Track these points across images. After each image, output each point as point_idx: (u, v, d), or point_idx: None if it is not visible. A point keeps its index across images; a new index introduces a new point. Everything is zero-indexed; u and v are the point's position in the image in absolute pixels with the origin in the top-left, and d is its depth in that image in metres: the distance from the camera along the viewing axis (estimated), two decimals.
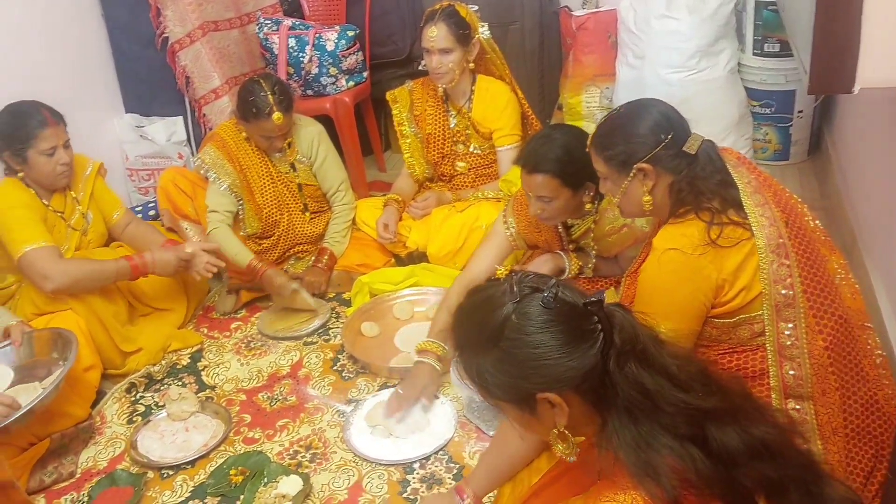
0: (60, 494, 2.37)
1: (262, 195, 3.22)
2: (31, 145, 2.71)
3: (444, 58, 3.06)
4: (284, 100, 3.01)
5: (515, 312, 1.25)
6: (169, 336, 2.99)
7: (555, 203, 2.37)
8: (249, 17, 4.03)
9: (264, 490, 2.26)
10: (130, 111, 3.93)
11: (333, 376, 2.76)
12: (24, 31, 3.37)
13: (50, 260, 2.65)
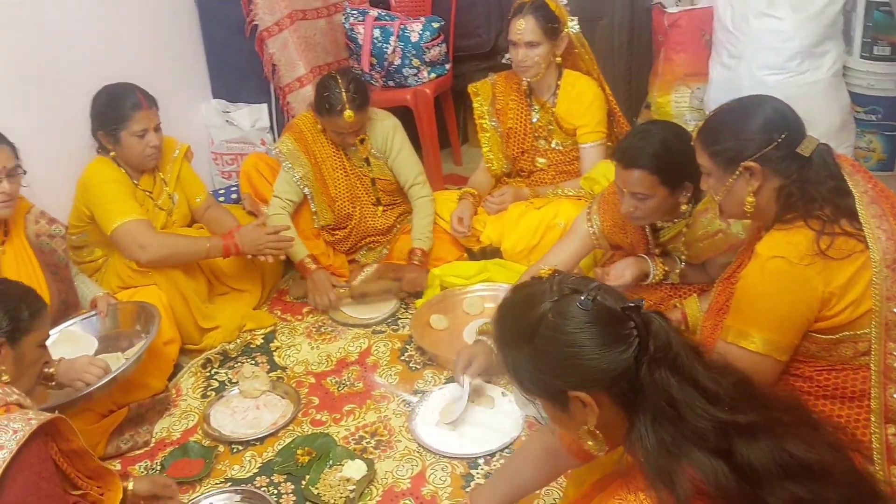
0: (135, 462, 2.51)
1: (336, 188, 3.32)
2: (124, 126, 2.87)
3: (530, 51, 3.08)
4: (358, 98, 3.07)
5: (552, 311, 1.30)
6: (245, 316, 3.13)
7: (649, 202, 2.32)
8: (336, 7, 4.14)
9: (329, 472, 2.35)
10: (218, 97, 4.09)
11: (401, 366, 2.84)
12: (119, 15, 3.54)
13: (146, 231, 2.82)
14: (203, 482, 2.38)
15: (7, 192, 2.48)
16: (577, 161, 3.28)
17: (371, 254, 3.46)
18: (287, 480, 2.35)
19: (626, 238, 2.60)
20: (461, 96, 4.20)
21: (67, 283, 2.78)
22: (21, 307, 1.88)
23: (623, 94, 4.13)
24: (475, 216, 3.30)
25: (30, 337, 1.90)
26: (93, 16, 3.39)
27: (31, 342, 1.91)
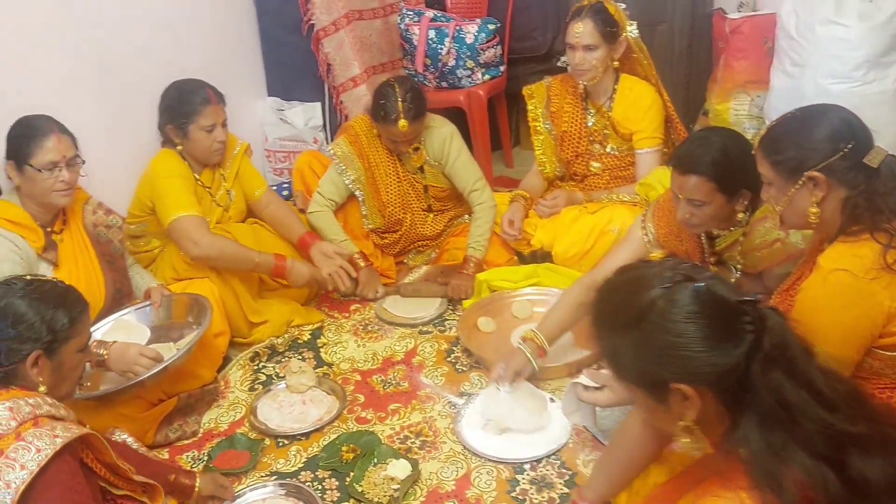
0: (183, 451, 2.55)
1: (387, 193, 3.34)
2: (193, 121, 2.93)
3: (587, 54, 3.06)
4: (414, 108, 3.09)
5: (663, 297, 1.26)
6: (293, 311, 3.17)
7: (705, 208, 2.28)
8: (393, 8, 4.18)
9: (374, 470, 2.35)
10: (273, 94, 4.15)
11: (447, 367, 2.84)
12: (179, 13, 3.61)
13: (201, 228, 2.88)
14: (248, 474, 2.41)
15: (66, 181, 2.53)
16: (632, 166, 3.26)
17: (420, 256, 3.49)
18: (331, 476, 2.37)
19: (681, 245, 2.56)
20: (514, 98, 4.20)
21: (122, 272, 2.84)
22: (59, 315, 1.81)
23: (681, 101, 4.08)
24: (526, 219, 3.29)
25: (69, 345, 1.84)
26: (153, 13, 3.47)
27: (70, 350, 1.85)
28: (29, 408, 1.68)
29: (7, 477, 1.55)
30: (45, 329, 1.78)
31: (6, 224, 2.48)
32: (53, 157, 2.49)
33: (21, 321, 1.76)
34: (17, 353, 1.75)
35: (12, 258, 2.43)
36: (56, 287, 1.88)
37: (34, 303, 1.79)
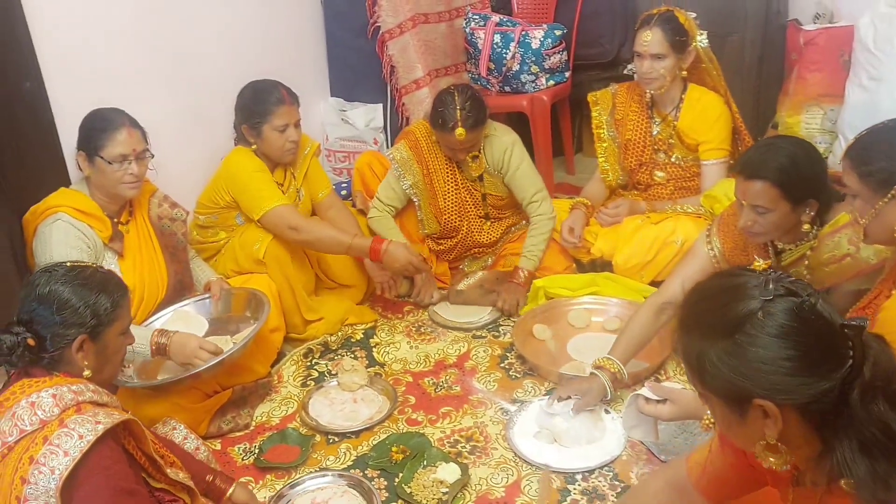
0: (235, 443, 2.58)
1: (445, 200, 3.32)
2: (267, 121, 2.97)
3: (655, 63, 3.03)
4: (472, 117, 3.06)
5: (762, 310, 1.21)
6: (347, 310, 3.20)
7: (769, 216, 2.23)
8: (458, 12, 4.18)
9: (423, 472, 2.35)
10: (335, 95, 4.19)
11: (500, 373, 2.82)
12: (248, 12, 3.67)
13: (296, 215, 2.99)
14: (299, 469, 2.43)
15: (135, 173, 2.59)
16: (697, 177, 3.20)
17: (476, 263, 3.47)
18: (381, 476, 2.38)
19: (747, 260, 2.49)
20: (578, 105, 4.18)
21: (184, 264, 2.89)
22: (101, 300, 1.82)
23: (750, 113, 4.00)
24: (587, 227, 3.27)
25: (112, 328, 1.86)
26: (226, 12, 3.53)
27: (113, 333, 1.87)
28: (72, 394, 1.71)
29: (52, 463, 1.58)
30: (88, 314, 1.79)
31: (75, 213, 2.54)
32: (124, 151, 2.55)
33: (65, 307, 1.77)
34: (62, 339, 1.77)
35: (80, 246, 2.49)
36: (97, 272, 1.90)
37: (77, 288, 1.80)
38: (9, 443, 1.64)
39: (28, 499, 1.57)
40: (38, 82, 2.74)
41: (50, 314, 1.76)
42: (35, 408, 1.66)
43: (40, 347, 1.75)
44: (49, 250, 2.48)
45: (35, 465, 1.59)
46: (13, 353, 1.72)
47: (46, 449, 1.60)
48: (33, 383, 1.71)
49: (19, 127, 2.68)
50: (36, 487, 1.57)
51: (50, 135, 2.79)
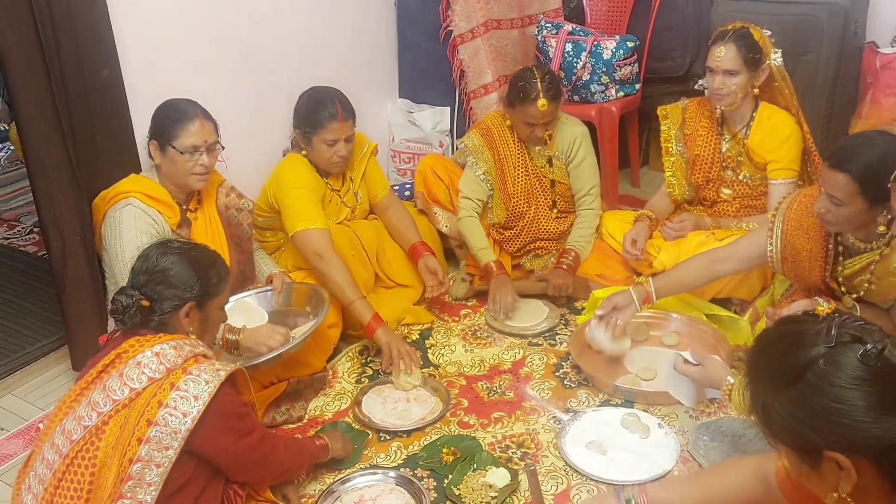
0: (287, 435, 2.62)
1: (514, 185, 3.37)
2: (318, 133, 3.00)
3: (728, 79, 3.00)
4: (552, 88, 3.14)
5: (825, 357, 1.18)
6: (404, 310, 3.22)
7: (843, 209, 2.22)
8: (531, 19, 4.20)
9: (472, 475, 2.37)
10: (403, 96, 4.23)
11: (554, 381, 2.83)
12: (324, 12, 3.72)
13: (326, 243, 2.93)
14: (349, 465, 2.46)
15: (206, 164, 2.65)
16: (764, 196, 3.16)
17: (537, 261, 3.47)
18: (430, 476, 2.40)
19: (807, 243, 2.49)
20: (646, 117, 4.15)
21: (248, 255, 2.96)
22: (211, 273, 2.03)
23: (821, 134, 3.94)
24: (650, 240, 3.25)
25: (216, 301, 2.06)
26: (299, 8, 3.59)
27: (215, 305, 2.07)
28: (189, 347, 1.93)
29: (184, 407, 1.80)
30: (198, 284, 1.98)
31: (145, 199, 2.62)
32: (195, 142, 2.61)
33: (179, 275, 1.96)
34: (172, 303, 1.95)
35: (149, 231, 2.56)
36: (207, 250, 2.11)
37: (191, 260, 2.00)
38: (137, 388, 1.83)
39: (151, 440, 1.78)
40: (115, 70, 2.83)
41: (164, 280, 1.95)
42: (160, 357, 1.86)
43: (151, 310, 1.94)
44: (119, 234, 2.57)
45: (164, 409, 1.79)
46: (126, 312, 1.90)
47: (175, 394, 1.81)
48: (148, 339, 1.90)
49: (94, 113, 2.78)
50: (164, 429, 1.78)
51: (124, 122, 2.89)
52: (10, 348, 3.25)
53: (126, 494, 1.77)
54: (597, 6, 4.38)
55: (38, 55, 2.58)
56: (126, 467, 1.77)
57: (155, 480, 1.78)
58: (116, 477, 1.77)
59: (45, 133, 2.67)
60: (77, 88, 2.70)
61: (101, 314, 2.84)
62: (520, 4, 4.14)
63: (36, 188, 2.77)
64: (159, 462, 1.78)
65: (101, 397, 1.84)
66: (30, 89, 2.62)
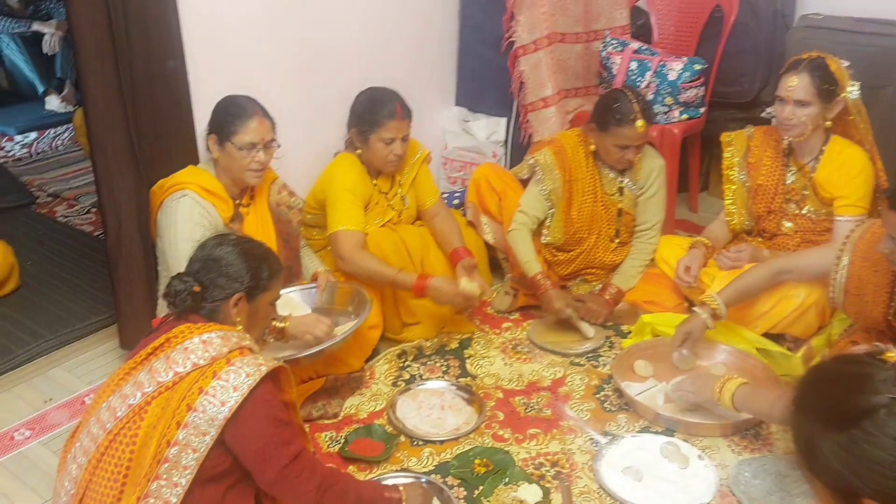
0: (322, 430, 2.66)
1: (579, 211, 3.31)
2: (375, 131, 3.03)
3: (798, 110, 2.93)
4: (647, 110, 3.11)
5: (887, 407, 1.16)
6: (446, 317, 3.21)
7: None
8: (597, 35, 4.17)
9: (504, 489, 2.35)
10: (460, 104, 4.24)
11: (594, 403, 2.79)
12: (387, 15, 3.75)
13: (352, 246, 2.98)
14: (381, 465, 2.47)
15: (262, 161, 2.69)
16: (827, 232, 3.08)
17: (585, 286, 3.45)
18: (460, 486, 2.39)
19: (873, 276, 2.43)
20: (709, 142, 4.10)
21: (295, 252, 3.00)
22: (262, 267, 2.07)
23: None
24: (704, 268, 3.19)
25: (265, 295, 2.10)
26: (362, 12, 3.62)
27: (265, 300, 2.11)
28: (236, 338, 1.95)
29: (222, 396, 1.83)
30: (249, 276, 2.04)
31: (201, 192, 2.66)
32: (253, 139, 2.65)
33: (232, 265, 2.03)
34: (223, 292, 2.01)
35: (203, 223, 2.60)
36: (262, 246, 2.17)
37: (244, 253, 2.06)
38: (181, 373, 1.87)
39: (189, 425, 1.81)
40: (180, 62, 2.90)
41: (217, 269, 2.02)
42: (207, 345, 1.90)
43: (202, 296, 2.00)
44: (173, 224, 2.61)
45: (204, 396, 1.83)
46: (179, 296, 1.97)
47: (216, 383, 1.84)
48: (198, 327, 1.95)
49: (158, 102, 2.86)
50: (202, 415, 1.82)
51: (185, 113, 2.96)
52: (62, 323, 3.37)
53: (162, 476, 1.80)
54: (665, 26, 4.36)
55: (108, 42, 2.67)
56: (163, 449, 1.81)
57: (191, 464, 1.81)
58: (153, 457, 1.81)
59: (110, 118, 2.75)
60: (143, 77, 2.78)
61: (151, 297, 2.89)
62: (586, 19, 4.12)
63: (98, 170, 2.86)
64: (196, 447, 1.82)
65: (146, 378, 1.89)
66: (98, 75, 2.70)
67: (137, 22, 2.71)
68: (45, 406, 2.92)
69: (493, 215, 3.46)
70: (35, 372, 3.13)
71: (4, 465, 2.64)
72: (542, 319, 3.31)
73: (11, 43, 6.41)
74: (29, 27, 6.37)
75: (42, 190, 5.01)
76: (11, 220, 4.48)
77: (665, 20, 4.36)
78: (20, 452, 2.70)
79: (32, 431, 2.80)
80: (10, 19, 6.41)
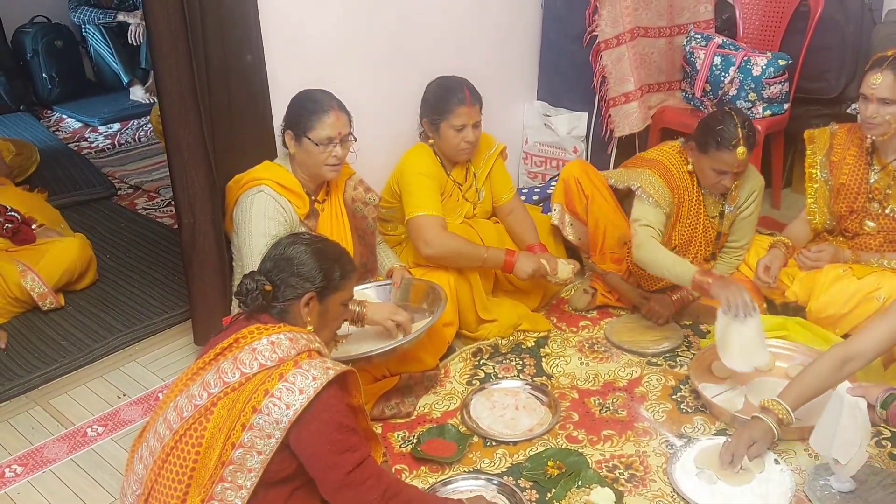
0: (394, 429, 2.67)
1: (681, 234, 3.18)
2: (445, 118, 3.03)
3: (882, 108, 2.84)
4: (752, 136, 2.94)
5: None
6: (522, 315, 3.20)
7: None
8: (680, 29, 4.09)
9: (576, 492, 2.35)
10: (541, 99, 4.20)
11: (670, 405, 2.75)
12: (471, 9, 3.72)
13: (436, 229, 2.97)
14: (453, 466, 2.48)
15: (339, 156, 2.69)
16: None
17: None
18: (532, 488, 2.39)
19: None
20: (793, 139, 3.98)
21: (370, 248, 3.01)
22: (335, 267, 2.05)
23: None
24: (784, 268, 3.10)
25: (337, 295, 2.08)
26: (448, 5, 3.60)
27: (337, 300, 2.09)
28: (305, 341, 1.95)
29: (287, 398, 1.82)
30: (321, 275, 2.02)
31: (277, 187, 2.67)
32: (330, 134, 2.64)
33: (304, 265, 2.01)
34: (294, 291, 2.00)
35: (278, 219, 2.62)
36: (336, 246, 2.15)
37: (317, 253, 2.04)
38: (248, 374, 1.87)
39: (254, 427, 1.81)
40: (258, 56, 2.86)
41: (289, 267, 2.00)
42: (275, 347, 1.89)
43: (274, 296, 1.99)
44: (249, 219, 2.62)
45: (270, 398, 1.81)
46: (250, 294, 1.96)
47: (282, 385, 1.83)
48: (268, 328, 1.94)
49: (234, 96, 2.84)
50: (267, 418, 1.81)
51: (263, 108, 2.92)
52: (138, 317, 3.38)
53: (227, 478, 1.81)
54: (750, 20, 4.23)
55: (182, 34, 2.62)
56: (228, 451, 1.81)
57: (256, 467, 1.81)
58: (218, 459, 1.81)
59: (184, 112, 2.72)
60: (219, 70, 2.75)
61: (225, 294, 2.91)
62: (670, 13, 4.05)
63: (172, 164, 2.83)
64: (261, 449, 1.81)
65: (213, 378, 1.89)
66: (172, 67, 2.67)
67: (213, 13, 2.67)
68: (118, 402, 2.93)
69: (580, 216, 3.33)
70: (110, 367, 3.13)
71: (76, 462, 2.65)
72: (620, 318, 3.28)
73: (97, 33, 6.35)
74: (114, 17, 6.33)
75: (124, 182, 4.95)
76: (92, 213, 4.45)
77: (750, 14, 4.23)
78: (92, 449, 2.70)
79: (105, 428, 2.80)
80: (95, 9, 6.34)
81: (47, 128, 5.91)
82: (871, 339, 2.34)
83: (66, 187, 4.70)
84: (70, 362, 3.11)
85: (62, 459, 2.66)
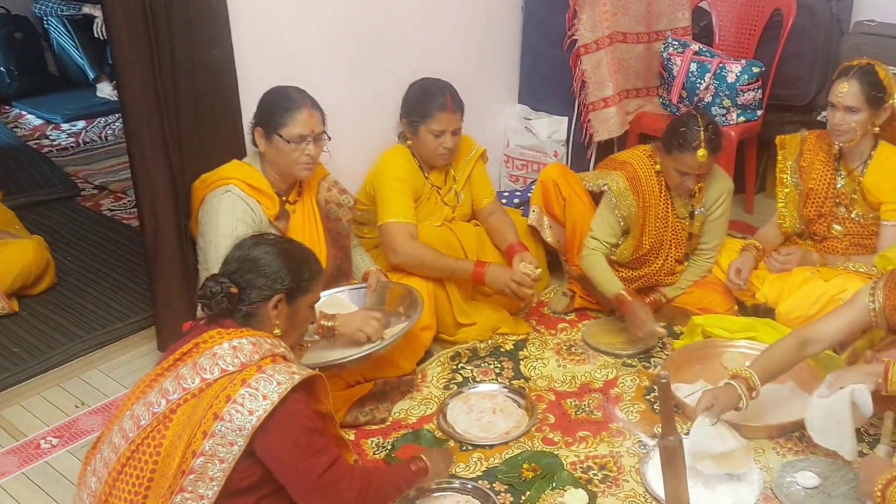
0: (369, 436, 2.65)
1: (649, 236, 3.19)
2: (425, 122, 3.02)
3: (848, 116, 2.92)
4: (714, 140, 2.95)
5: None
6: (501, 319, 3.19)
7: None
8: (658, 35, 4.12)
9: (551, 494, 2.37)
10: (522, 102, 4.21)
11: (644, 405, 2.79)
12: (446, 9, 3.67)
13: (403, 237, 2.95)
14: None
15: (311, 154, 2.60)
16: (875, 236, 3.07)
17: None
18: (507, 491, 2.40)
19: None
20: (765, 145, 4.01)
21: (345, 251, 2.96)
22: (303, 268, 1.99)
23: None
24: (755, 271, 3.16)
25: (306, 297, 2.01)
26: (422, 5, 3.54)
27: (305, 303, 2.02)
28: (269, 346, 1.87)
29: (251, 405, 1.74)
30: (289, 277, 1.95)
31: (245, 187, 2.57)
32: (303, 131, 2.56)
33: (270, 265, 1.93)
34: (261, 293, 1.92)
35: (246, 220, 2.52)
36: (302, 247, 2.08)
37: (283, 253, 1.97)
38: (208, 379, 1.79)
39: (215, 434, 1.73)
40: (227, 51, 2.75)
41: (255, 269, 1.92)
42: (237, 351, 1.82)
43: (239, 298, 1.91)
44: (216, 220, 2.52)
45: (232, 404, 1.74)
46: (214, 298, 1.87)
47: (245, 391, 1.75)
48: (230, 332, 1.87)
49: (201, 93, 2.72)
50: (229, 425, 1.73)
51: (231, 105, 2.81)
52: (100, 322, 3.24)
53: (187, 488, 1.73)
54: (726, 28, 4.27)
55: (142, 24, 2.51)
56: (189, 460, 1.73)
57: (218, 476, 1.74)
58: (178, 469, 1.73)
59: (145, 109, 2.61)
60: (186, 67, 2.64)
61: (190, 298, 2.80)
62: (648, 19, 4.07)
63: (134, 164, 2.72)
64: (223, 457, 1.73)
65: (172, 385, 1.81)
66: (131, 61, 2.56)
67: (179, 7, 2.55)
68: (76, 411, 2.79)
69: (557, 218, 3.37)
70: (67, 375, 2.97)
71: (28, 476, 2.52)
72: (597, 321, 3.31)
73: (60, 26, 5.97)
74: (80, 9, 5.95)
75: (88, 182, 4.70)
76: (52, 213, 4.24)
77: (725, 22, 4.28)
78: (45, 462, 2.57)
79: (60, 439, 2.65)
80: (59, 1, 5.98)
81: (5, 124, 5.62)
82: (831, 327, 2.47)
83: (23, 187, 4.50)
84: (23, 370, 2.95)
85: (12, 473, 2.53)
